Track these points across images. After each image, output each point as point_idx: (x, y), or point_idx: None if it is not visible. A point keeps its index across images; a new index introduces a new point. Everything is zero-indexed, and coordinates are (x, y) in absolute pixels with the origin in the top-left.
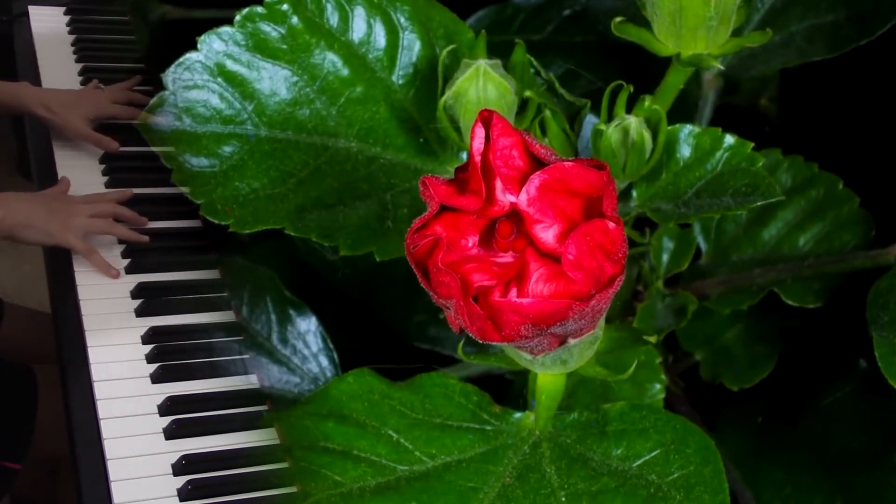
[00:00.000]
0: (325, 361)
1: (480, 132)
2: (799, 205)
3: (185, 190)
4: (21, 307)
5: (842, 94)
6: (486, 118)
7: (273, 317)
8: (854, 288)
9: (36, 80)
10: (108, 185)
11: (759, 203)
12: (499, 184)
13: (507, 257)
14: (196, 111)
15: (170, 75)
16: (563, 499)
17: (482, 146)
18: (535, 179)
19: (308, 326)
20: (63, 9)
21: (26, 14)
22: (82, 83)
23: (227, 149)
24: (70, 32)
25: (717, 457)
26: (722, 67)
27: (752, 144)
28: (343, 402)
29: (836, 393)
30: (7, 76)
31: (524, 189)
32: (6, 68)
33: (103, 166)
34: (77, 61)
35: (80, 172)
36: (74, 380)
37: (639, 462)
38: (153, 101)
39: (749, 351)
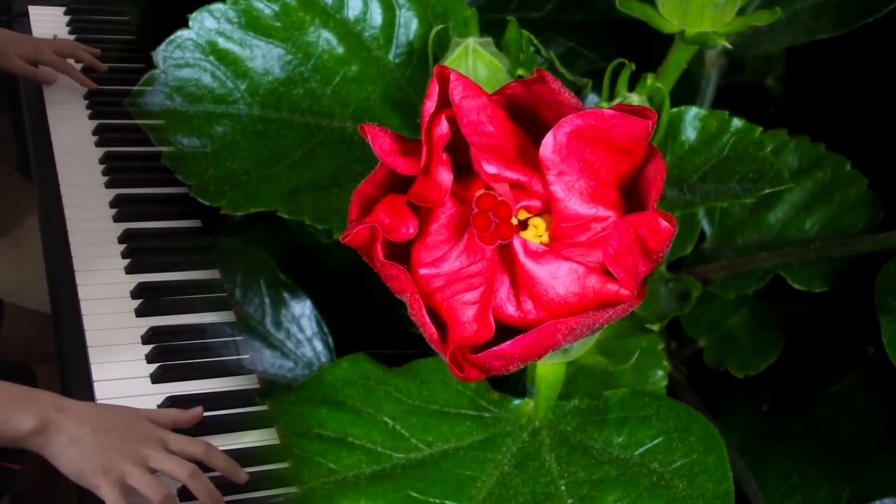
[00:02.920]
0: (319, 346)
1: (434, 90)
2: (805, 187)
3: (175, 171)
4: (21, 307)
5: (849, 73)
6: (443, 76)
7: (267, 300)
8: (861, 272)
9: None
10: (107, 185)
11: (766, 191)
12: (490, 167)
13: (477, 264)
14: (187, 90)
15: (160, 53)
16: (563, 487)
17: (433, 107)
18: (566, 125)
19: (302, 310)
20: (63, 9)
21: (26, 14)
22: (79, 76)
23: (219, 129)
24: (70, 32)
25: (721, 445)
26: (729, 46)
27: (760, 129)
28: (338, 388)
29: (843, 380)
30: (7, 76)
31: (550, 136)
32: None
33: (103, 166)
34: (77, 61)
35: (80, 172)
36: (74, 380)
37: (641, 450)
38: (144, 79)
39: (754, 337)
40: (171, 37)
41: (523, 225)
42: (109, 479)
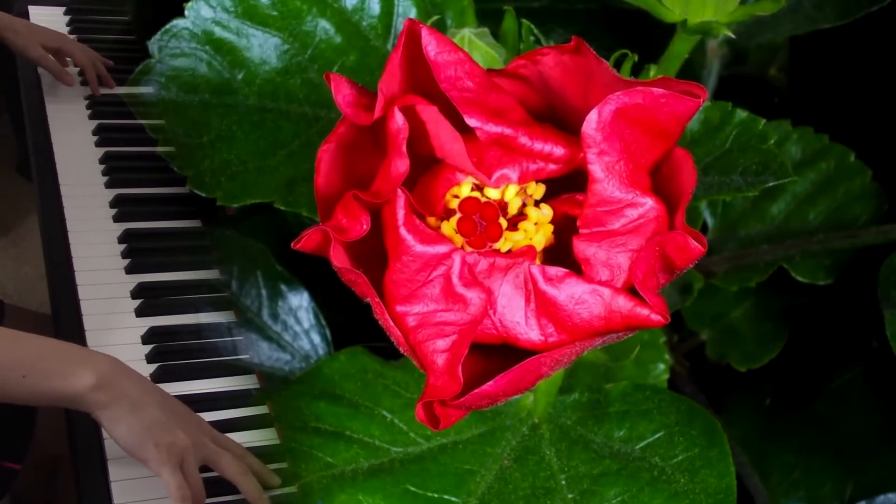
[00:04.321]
0: (316, 338)
1: (402, 41)
2: (809, 178)
3: (172, 163)
4: (21, 308)
5: (853, 63)
6: (413, 31)
7: (264, 292)
8: (865, 264)
9: (36, 80)
10: (107, 185)
11: (770, 184)
12: (472, 121)
13: (450, 312)
14: (183, 80)
15: (156, 43)
16: (563, 482)
17: (399, 57)
18: (612, 102)
19: (300, 302)
20: (63, 9)
21: (26, 14)
22: (82, 83)
23: (216, 119)
24: (70, 32)
25: (723, 439)
26: (732, 35)
27: (764, 121)
28: (335, 381)
29: (846, 374)
30: (7, 76)
31: (594, 112)
32: (6, 68)
33: (103, 166)
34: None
35: (80, 172)
36: None
37: (642, 444)
38: (139, 69)
39: (757, 330)
40: (167, 26)
41: (512, 225)
42: (173, 459)
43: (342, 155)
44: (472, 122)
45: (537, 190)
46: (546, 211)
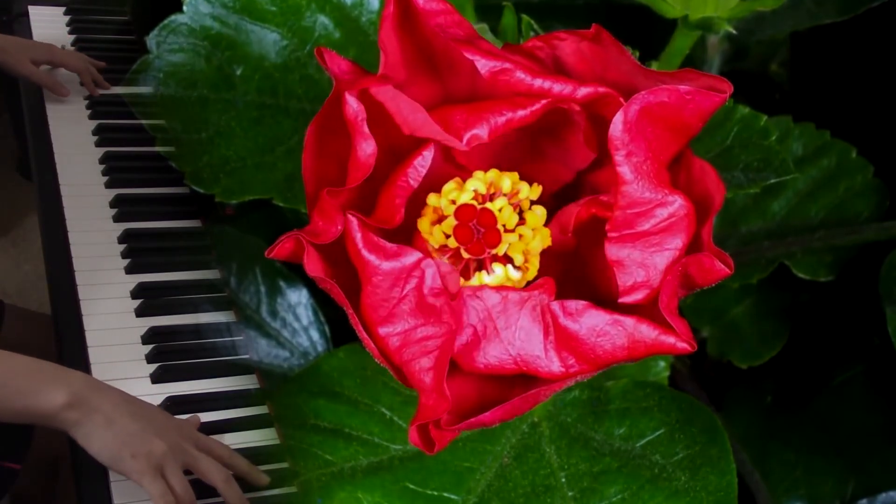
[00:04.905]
0: (315, 335)
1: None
2: (810, 174)
3: (170, 160)
4: (21, 308)
5: (855, 58)
6: None
7: (262, 288)
8: (867, 261)
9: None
10: (107, 185)
11: (771, 181)
12: (470, 54)
13: (428, 327)
14: (181, 75)
15: (154, 38)
16: (564, 479)
17: (393, 18)
18: (638, 102)
19: (298, 299)
20: (63, 9)
21: (26, 14)
22: (82, 83)
23: (214, 115)
24: (70, 32)
25: (724, 437)
26: (733, 31)
27: (765, 117)
28: (334, 378)
29: (848, 371)
30: (7, 76)
31: (620, 114)
32: None
33: (103, 166)
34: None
35: (80, 172)
36: None
37: (642, 442)
38: (137, 65)
39: (758, 327)
40: (165, 21)
41: (509, 230)
42: (152, 467)
43: (325, 137)
44: (469, 54)
45: (532, 191)
46: (539, 212)
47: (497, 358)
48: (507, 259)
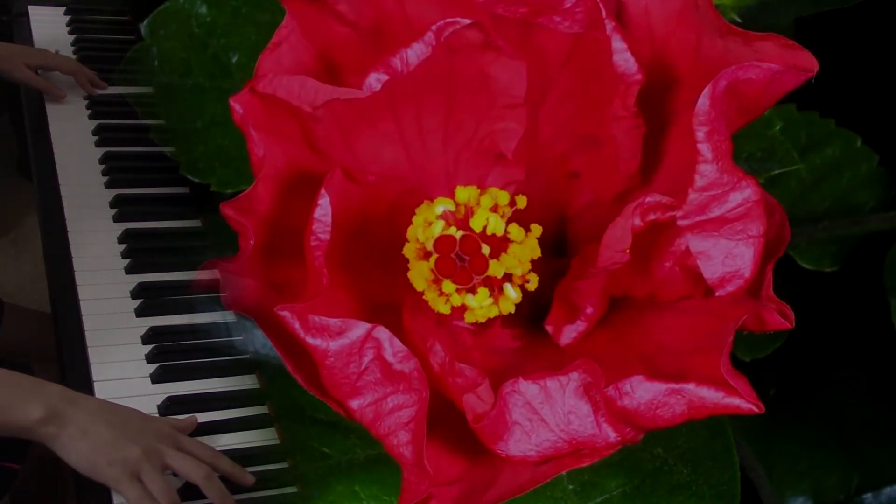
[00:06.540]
0: None
1: None
2: (814, 163)
3: (167, 151)
4: (21, 307)
5: (859, 46)
6: None
7: None
8: (871, 251)
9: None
10: (107, 185)
11: (775, 172)
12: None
13: (399, 395)
14: (176, 63)
15: (148, 25)
16: (564, 473)
17: None
18: (727, 76)
19: None
20: (63, 9)
21: (26, 14)
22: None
23: (210, 103)
24: (70, 32)
25: (726, 430)
26: (739, 20)
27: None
28: None
29: (853, 365)
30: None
31: (709, 88)
32: None
33: (103, 166)
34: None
35: (80, 172)
36: (74, 380)
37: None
38: (132, 52)
39: None
40: (161, 7)
41: (501, 246)
42: (128, 473)
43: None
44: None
45: (500, 196)
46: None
47: (551, 445)
48: (505, 277)
